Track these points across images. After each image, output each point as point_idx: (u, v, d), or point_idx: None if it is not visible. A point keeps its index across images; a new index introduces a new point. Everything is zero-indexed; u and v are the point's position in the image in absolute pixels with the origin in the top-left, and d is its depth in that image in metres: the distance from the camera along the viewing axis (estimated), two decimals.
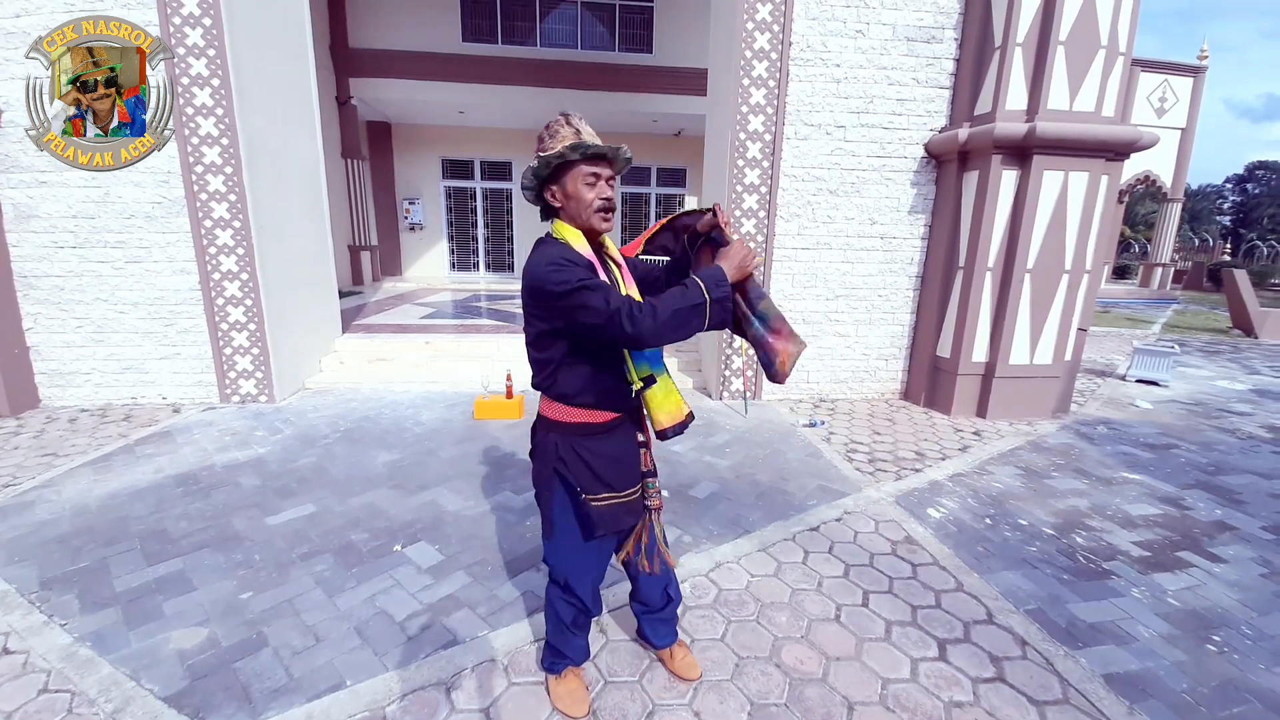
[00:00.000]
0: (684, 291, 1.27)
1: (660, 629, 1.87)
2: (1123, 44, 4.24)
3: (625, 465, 1.53)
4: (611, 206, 1.42)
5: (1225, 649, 2.12)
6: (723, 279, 1.30)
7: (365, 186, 10.99)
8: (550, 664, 1.79)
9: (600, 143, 1.37)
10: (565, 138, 1.35)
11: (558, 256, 1.33)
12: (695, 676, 1.86)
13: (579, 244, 1.39)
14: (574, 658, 1.77)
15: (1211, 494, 3.43)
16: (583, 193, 1.39)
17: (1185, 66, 13.98)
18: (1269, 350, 8.64)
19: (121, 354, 4.52)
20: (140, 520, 2.83)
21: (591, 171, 1.38)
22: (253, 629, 2.06)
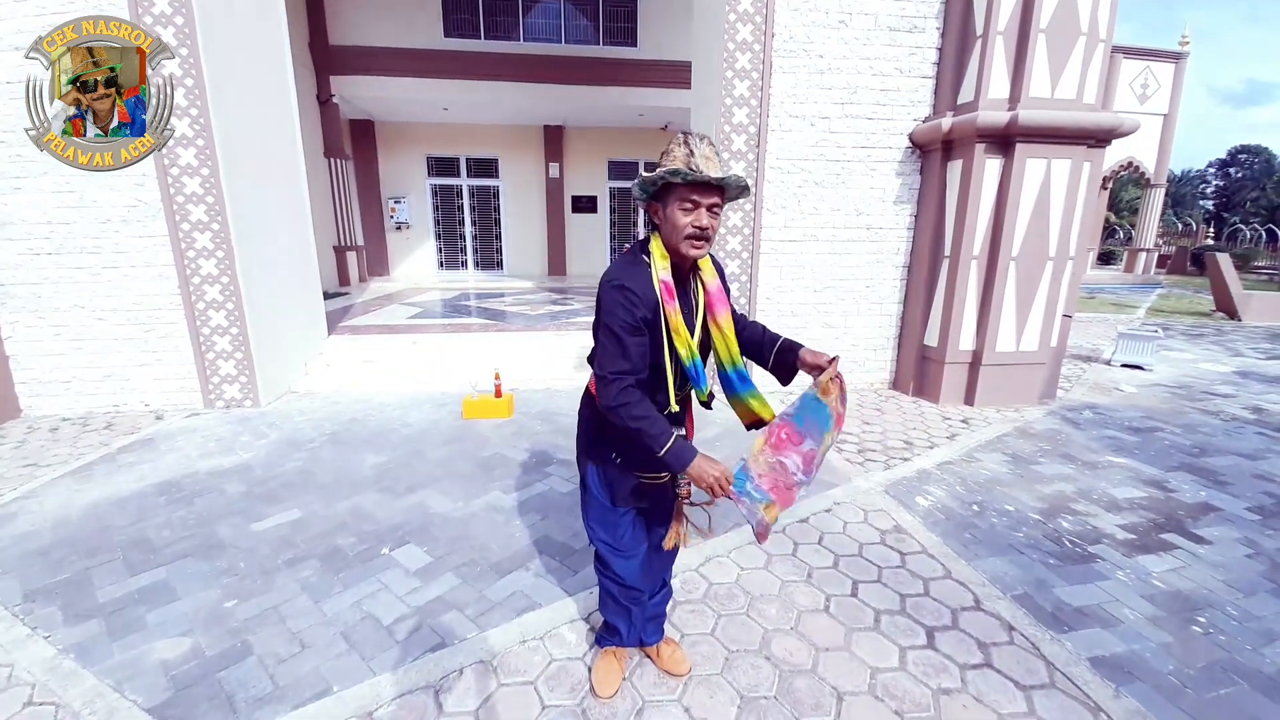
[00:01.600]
0: (658, 428, 1.36)
1: (648, 626, 1.87)
2: (1103, 31, 4.25)
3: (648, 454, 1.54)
4: (706, 236, 1.38)
5: (1211, 630, 2.14)
6: (684, 464, 1.36)
7: (349, 186, 10.87)
8: (599, 637, 1.91)
9: (706, 171, 1.31)
10: (676, 159, 1.33)
11: (626, 285, 1.38)
12: (684, 671, 1.86)
13: (662, 267, 1.40)
14: (622, 636, 1.81)
15: (1196, 476, 3.47)
16: (678, 217, 1.37)
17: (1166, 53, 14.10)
18: (1252, 332, 8.76)
19: (102, 361, 4.44)
20: (122, 530, 2.79)
21: (691, 197, 1.35)
22: (237, 638, 2.04)
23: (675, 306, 1.40)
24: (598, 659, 1.87)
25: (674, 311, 1.39)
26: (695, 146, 1.33)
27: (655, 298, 1.39)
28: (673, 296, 1.40)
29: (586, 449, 1.64)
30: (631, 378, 1.39)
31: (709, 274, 1.50)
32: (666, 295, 1.39)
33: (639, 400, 1.37)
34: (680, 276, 1.48)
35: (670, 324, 1.40)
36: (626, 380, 1.38)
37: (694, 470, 1.36)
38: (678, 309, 1.40)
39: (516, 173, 12.59)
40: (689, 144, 1.33)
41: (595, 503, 1.68)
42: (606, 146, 12.65)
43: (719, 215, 1.40)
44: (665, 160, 1.36)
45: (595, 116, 11.50)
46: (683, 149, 1.33)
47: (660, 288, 1.39)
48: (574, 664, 1.91)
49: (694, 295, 1.50)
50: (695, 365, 1.45)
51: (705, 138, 1.36)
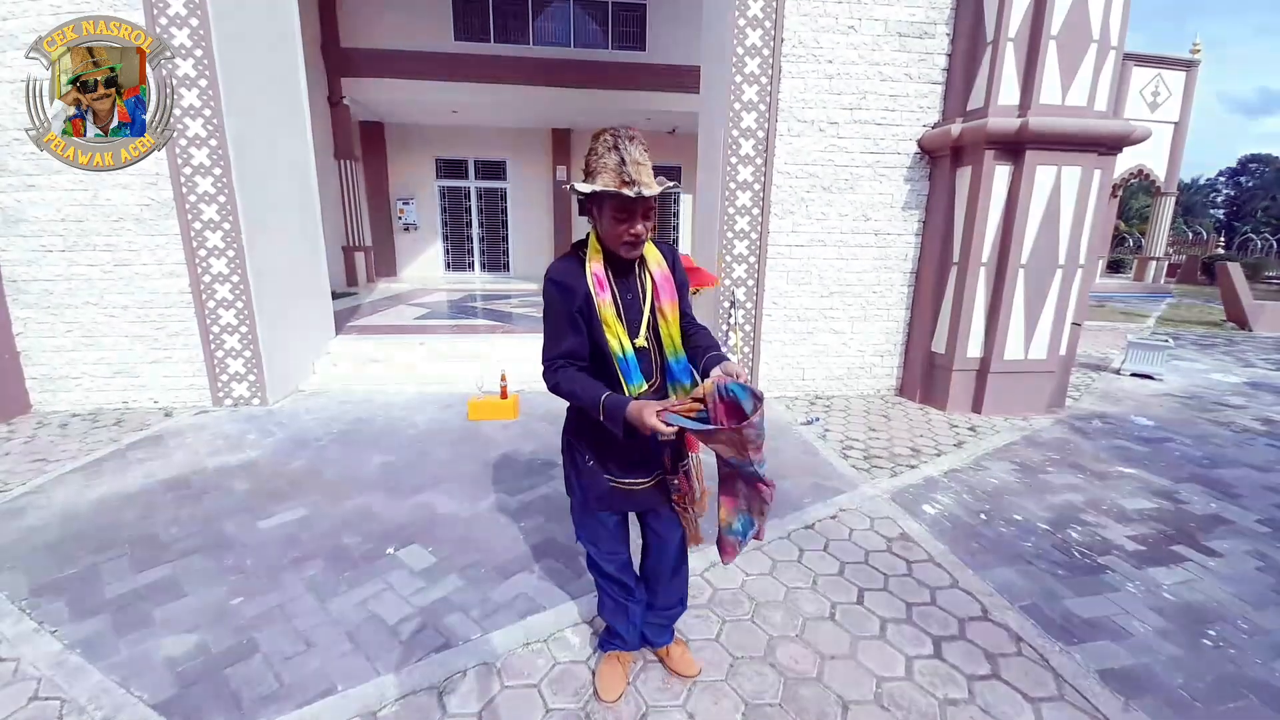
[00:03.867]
0: (590, 394, 1.38)
1: (660, 630, 1.88)
2: (1114, 38, 4.24)
3: (629, 456, 1.56)
4: (639, 240, 1.39)
5: (1221, 644, 2.11)
6: (617, 416, 1.33)
7: (359, 187, 10.94)
8: (601, 641, 1.91)
9: (639, 179, 1.29)
10: (608, 168, 1.30)
11: (557, 278, 1.43)
12: (694, 673, 1.86)
13: (596, 260, 1.43)
14: (623, 639, 1.82)
15: (1206, 487, 3.43)
16: (612, 225, 1.37)
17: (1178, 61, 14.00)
18: (1263, 343, 8.67)
19: (112, 358, 4.48)
20: (130, 526, 2.81)
21: (624, 208, 1.34)
22: (243, 635, 2.05)
23: (606, 298, 1.42)
24: (601, 663, 1.87)
25: (604, 303, 1.41)
26: (627, 152, 1.29)
27: (587, 289, 1.41)
28: (603, 288, 1.42)
29: (566, 447, 1.67)
30: (564, 361, 1.45)
31: (655, 264, 1.51)
32: (597, 287, 1.41)
33: (571, 375, 1.43)
34: (622, 267, 1.47)
35: (600, 315, 1.41)
36: (558, 364, 1.45)
37: (631, 419, 1.30)
38: (609, 301, 1.42)
39: (524, 175, 12.64)
40: (620, 149, 1.29)
41: (575, 502, 1.69)
42: None
43: (652, 216, 1.39)
44: (595, 162, 1.33)
45: (603, 120, 11.52)
46: (614, 156, 1.29)
47: (592, 280, 1.41)
48: (578, 667, 1.91)
49: (639, 285, 1.49)
50: (626, 357, 1.44)
51: (635, 137, 1.32)
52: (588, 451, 1.57)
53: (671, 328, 1.51)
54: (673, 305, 1.51)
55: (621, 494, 1.60)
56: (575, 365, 1.46)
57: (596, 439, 1.55)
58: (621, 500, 1.61)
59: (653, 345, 1.52)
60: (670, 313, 1.50)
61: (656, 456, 1.59)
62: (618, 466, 1.57)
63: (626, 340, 1.45)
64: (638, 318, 1.48)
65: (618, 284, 1.46)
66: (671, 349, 1.52)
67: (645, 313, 1.49)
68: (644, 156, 1.32)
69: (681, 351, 1.53)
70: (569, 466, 1.66)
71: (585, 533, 1.71)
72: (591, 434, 1.55)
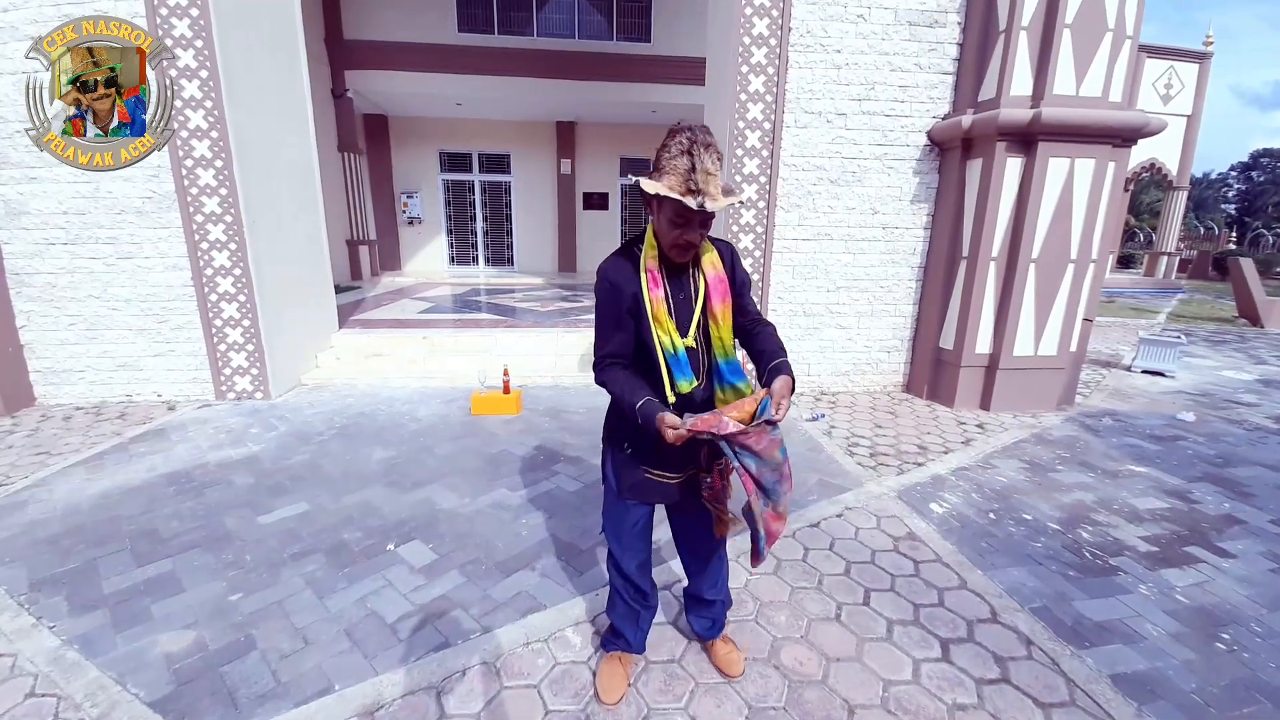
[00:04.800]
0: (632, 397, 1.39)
1: (706, 624, 1.91)
2: (1130, 27, 4.14)
3: (663, 451, 1.53)
4: (691, 248, 1.39)
5: (1235, 647, 2.07)
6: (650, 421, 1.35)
7: (362, 180, 10.91)
8: (604, 640, 1.88)
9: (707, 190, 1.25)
10: (676, 171, 1.26)
11: (609, 275, 1.44)
12: (736, 673, 1.84)
13: (651, 256, 1.43)
14: (627, 642, 1.81)
15: (1219, 487, 3.37)
16: (668, 227, 1.36)
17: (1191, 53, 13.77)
18: (1275, 339, 8.55)
19: (115, 351, 4.47)
20: (131, 520, 2.80)
21: (682, 215, 1.31)
22: (241, 632, 2.03)
23: (659, 295, 1.41)
24: (603, 663, 1.84)
25: (656, 299, 1.41)
26: (699, 159, 1.24)
27: (639, 287, 1.41)
28: (657, 284, 1.41)
29: (607, 436, 1.67)
30: (610, 360, 1.48)
31: (710, 265, 1.48)
32: (651, 284, 1.41)
33: (617, 376, 1.45)
34: (677, 265, 1.46)
35: (652, 311, 1.40)
36: (605, 362, 1.48)
37: (658, 424, 1.32)
38: (662, 297, 1.41)
39: (528, 169, 12.57)
40: (693, 155, 1.25)
41: (608, 490, 1.69)
42: (619, 143, 12.59)
43: (710, 225, 1.38)
44: (665, 161, 1.29)
45: (608, 112, 11.45)
46: (685, 160, 1.25)
47: (645, 276, 1.41)
48: (578, 668, 1.88)
49: (692, 284, 1.48)
50: (677, 354, 1.43)
51: (711, 145, 1.27)
52: (627, 440, 1.58)
53: (723, 330, 1.48)
54: (725, 307, 1.47)
55: (655, 485, 1.59)
56: (621, 363, 1.48)
57: (638, 429, 1.52)
58: (654, 492, 1.61)
59: (701, 346, 1.50)
60: (722, 315, 1.47)
61: (693, 453, 1.56)
62: (654, 458, 1.56)
63: (678, 337, 1.43)
64: (688, 317, 1.47)
65: (670, 282, 1.45)
66: (722, 351, 1.50)
67: (696, 313, 1.47)
68: (716, 166, 1.28)
69: (733, 354, 1.51)
70: (606, 454, 1.67)
71: (610, 524, 1.70)
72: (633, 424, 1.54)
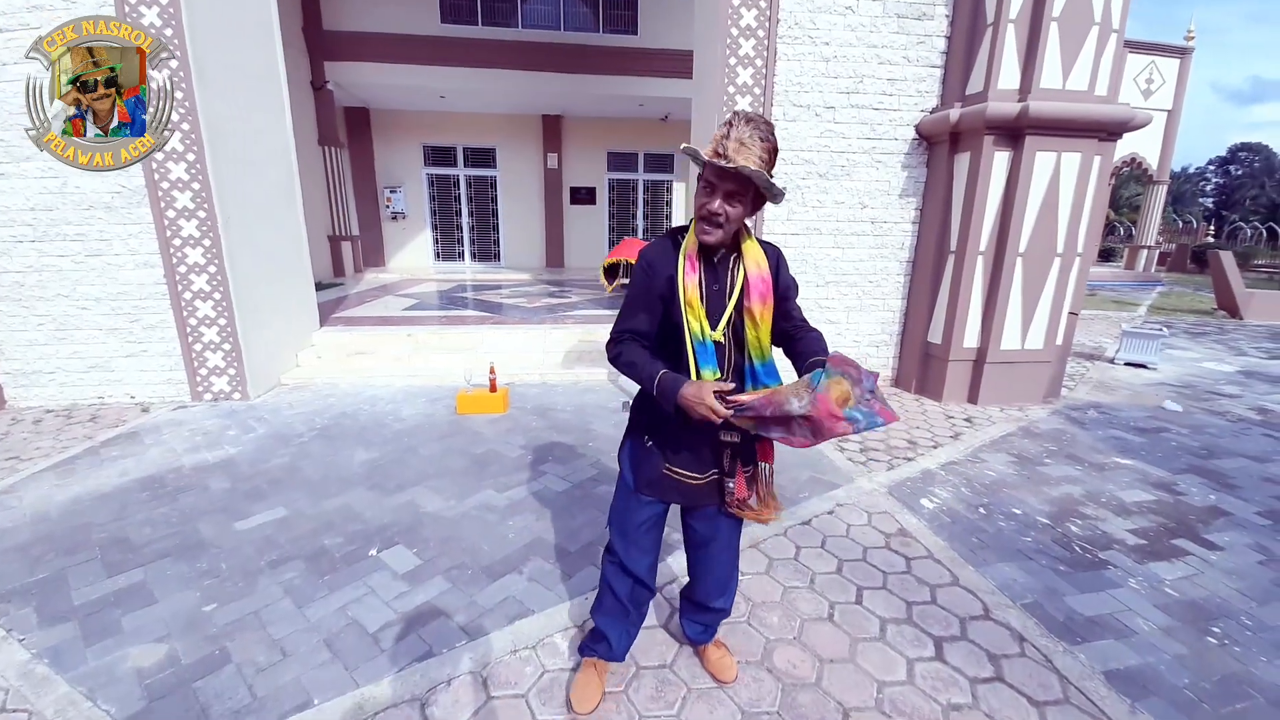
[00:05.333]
0: (647, 370, 1.40)
1: (698, 629, 1.86)
2: (1115, 21, 4.14)
3: (686, 448, 1.51)
4: (713, 220, 1.34)
5: (1225, 641, 2.07)
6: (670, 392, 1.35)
7: (344, 175, 10.70)
8: (582, 645, 1.78)
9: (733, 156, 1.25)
10: (714, 139, 1.30)
11: (648, 256, 1.45)
12: (730, 679, 1.80)
13: (691, 243, 1.42)
14: (609, 645, 1.71)
15: (1204, 478, 3.40)
16: (695, 197, 1.37)
17: (1172, 48, 13.93)
18: (1254, 331, 8.70)
19: (86, 352, 4.33)
20: (102, 527, 2.70)
21: (709, 179, 1.32)
22: (215, 645, 1.95)
23: (693, 280, 1.40)
24: (580, 670, 1.78)
25: (690, 284, 1.39)
26: (735, 129, 1.27)
27: (674, 271, 1.41)
28: (694, 270, 1.40)
29: (630, 429, 1.64)
30: (630, 335, 1.47)
31: (753, 262, 1.43)
32: (688, 267, 1.40)
33: (633, 348, 1.45)
34: (717, 258, 1.44)
35: (684, 295, 1.39)
36: (623, 337, 1.47)
37: (682, 401, 1.32)
38: (696, 283, 1.40)
39: (514, 163, 12.42)
40: (732, 125, 1.28)
41: (622, 482, 1.65)
42: (606, 137, 12.47)
43: (741, 204, 1.33)
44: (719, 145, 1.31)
45: (594, 106, 11.34)
46: (723, 129, 1.29)
47: (684, 261, 1.41)
48: (567, 675, 1.83)
49: (730, 277, 1.44)
50: (705, 343, 1.40)
51: (754, 121, 1.28)
52: (649, 432, 1.55)
53: (760, 330, 1.43)
54: (764, 308, 1.42)
55: (673, 483, 1.54)
56: (639, 341, 1.47)
57: (665, 419, 1.50)
58: (671, 490, 1.55)
59: (730, 342, 1.46)
60: (760, 315, 1.42)
61: (717, 453, 1.51)
62: (676, 453, 1.52)
63: (707, 326, 1.40)
64: (719, 311, 1.43)
65: (708, 273, 1.43)
66: (758, 353, 1.45)
67: (729, 308, 1.43)
68: (754, 140, 1.26)
69: (769, 356, 1.47)
70: (625, 443, 1.65)
71: (618, 519, 1.65)
72: (661, 415, 1.50)
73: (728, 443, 1.47)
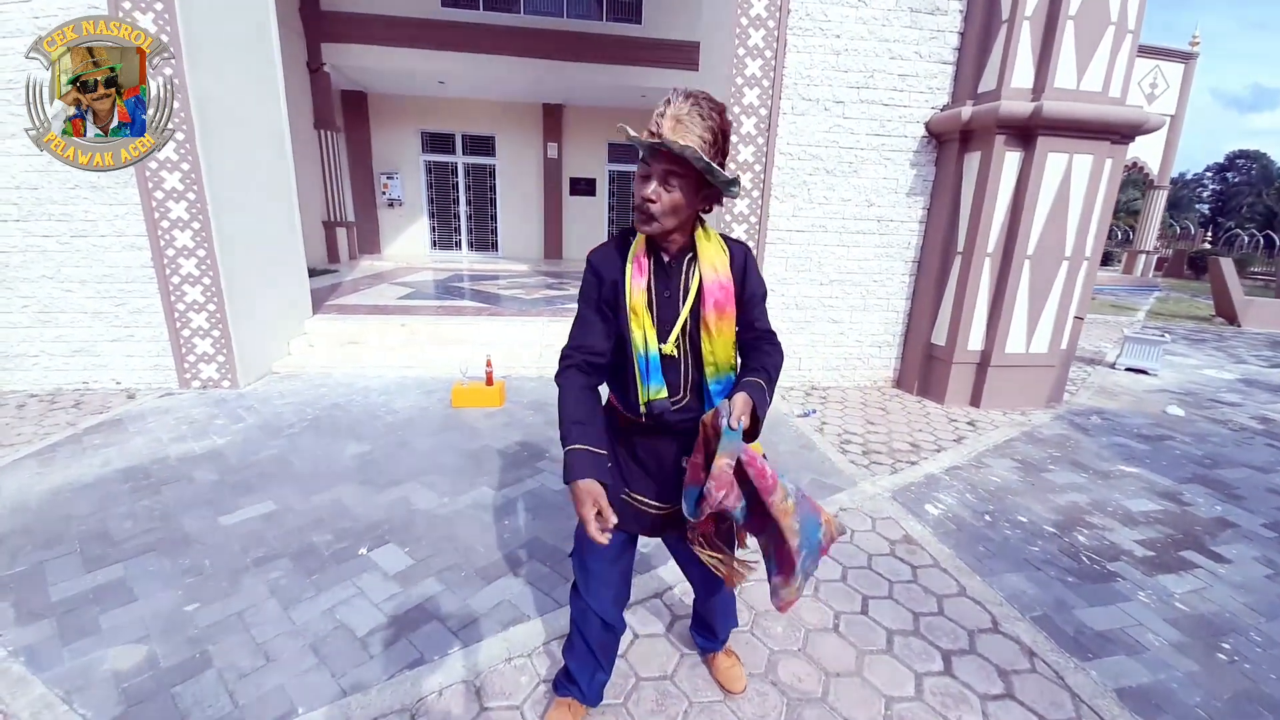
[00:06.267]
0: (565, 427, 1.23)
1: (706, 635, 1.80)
2: (1131, 22, 4.06)
3: (648, 473, 1.40)
4: (644, 209, 1.17)
5: (1236, 658, 2.02)
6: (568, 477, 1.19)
7: (340, 159, 10.52)
8: (556, 681, 1.63)
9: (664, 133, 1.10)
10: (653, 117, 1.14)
11: (593, 260, 1.29)
12: (738, 690, 1.73)
13: (638, 244, 1.26)
14: (581, 692, 1.55)
15: (1209, 488, 3.36)
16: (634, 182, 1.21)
17: (1177, 53, 13.88)
18: (1252, 339, 8.70)
19: (71, 335, 4.21)
20: (83, 520, 2.60)
21: (644, 160, 1.17)
22: (196, 647, 1.86)
23: (640, 285, 1.24)
24: (552, 708, 1.60)
25: (637, 289, 1.23)
26: (672, 105, 1.11)
27: (621, 275, 1.25)
28: (641, 274, 1.24)
29: None
30: (578, 355, 1.28)
31: (709, 265, 1.25)
32: (636, 271, 1.24)
33: (571, 386, 1.26)
34: (669, 259, 1.27)
35: (629, 303, 1.23)
36: (573, 359, 1.28)
37: (572, 490, 1.17)
38: (643, 287, 1.24)
39: (514, 152, 12.25)
40: (669, 100, 1.12)
41: None
42: (607, 128, 12.32)
43: (681, 191, 1.15)
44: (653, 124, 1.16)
45: (596, 96, 11.17)
46: (661, 105, 1.12)
47: (632, 264, 1.24)
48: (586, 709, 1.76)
49: (683, 283, 1.26)
50: (648, 355, 1.24)
51: (696, 96, 1.12)
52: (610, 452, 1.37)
53: (715, 344, 1.26)
54: (721, 319, 1.25)
55: (633, 511, 1.41)
56: (591, 360, 1.28)
57: (624, 440, 1.39)
58: (630, 518, 1.41)
59: (687, 356, 1.29)
60: (717, 326, 1.25)
61: (677, 480, 1.35)
62: (636, 478, 1.40)
63: (653, 337, 1.24)
64: (671, 320, 1.26)
65: (658, 277, 1.26)
66: (713, 368, 1.28)
67: (682, 316, 1.26)
68: (693, 117, 1.10)
69: (724, 371, 1.30)
70: None
71: (578, 550, 1.50)
72: (619, 434, 1.39)
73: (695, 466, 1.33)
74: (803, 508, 1.22)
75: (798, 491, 1.22)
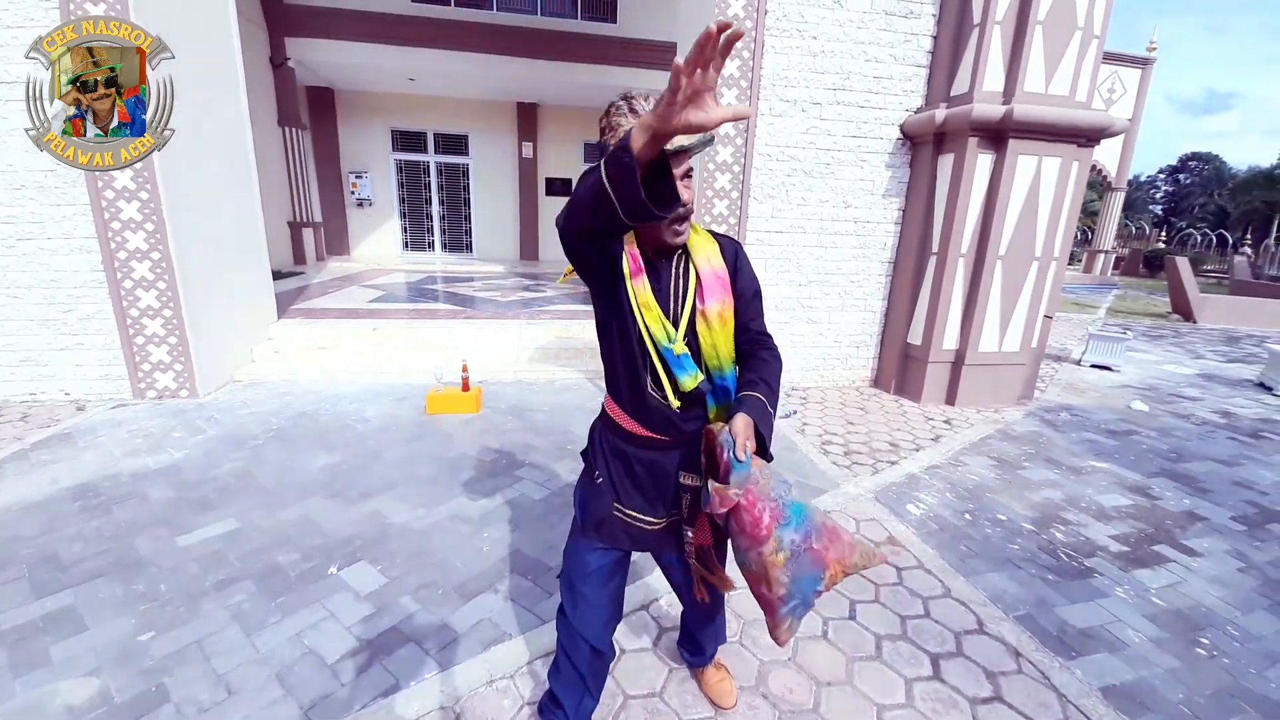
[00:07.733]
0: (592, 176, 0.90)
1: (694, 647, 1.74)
2: (1097, 27, 4.16)
3: (639, 487, 1.33)
4: (685, 215, 1.17)
5: (1215, 652, 2.06)
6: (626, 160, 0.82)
7: (306, 158, 10.19)
8: (541, 705, 1.54)
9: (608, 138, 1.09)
10: (623, 129, 1.07)
11: None
12: (729, 705, 1.69)
13: (632, 243, 1.23)
14: (566, 713, 1.46)
15: (1176, 482, 3.45)
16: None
17: (1134, 58, 14.40)
18: (1208, 335, 9.05)
19: (16, 344, 3.95)
20: (30, 542, 2.43)
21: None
22: (151, 680, 1.74)
23: (643, 282, 1.20)
24: None
25: (641, 286, 1.20)
26: (636, 109, 1.07)
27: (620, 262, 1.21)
28: (639, 270, 1.21)
29: (585, 456, 1.46)
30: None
31: (704, 257, 1.23)
32: (633, 268, 1.21)
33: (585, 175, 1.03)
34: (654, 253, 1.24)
35: (638, 299, 1.20)
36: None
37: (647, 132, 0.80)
38: (646, 285, 1.21)
39: (488, 151, 12.06)
40: (634, 107, 1.07)
41: (574, 522, 1.43)
42: (582, 128, 12.21)
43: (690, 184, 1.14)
44: (608, 134, 1.10)
45: (571, 95, 11.06)
46: (627, 119, 1.08)
47: (627, 261, 1.21)
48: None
49: (677, 278, 1.24)
50: (672, 347, 1.20)
51: (642, 93, 1.09)
52: (600, 466, 1.35)
53: (716, 336, 1.23)
54: (720, 314, 1.23)
55: (623, 527, 1.34)
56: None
57: (615, 454, 1.33)
58: (622, 534, 1.35)
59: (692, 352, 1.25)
60: (717, 319, 1.22)
61: (676, 495, 1.32)
62: (628, 492, 1.33)
63: (670, 329, 1.20)
64: (673, 317, 1.23)
65: (651, 274, 1.23)
66: (715, 362, 1.24)
67: (685, 312, 1.23)
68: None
69: (728, 366, 1.26)
70: (581, 477, 1.44)
71: (566, 568, 1.41)
72: (611, 446, 1.33)
73: (689, 486, 1.29)
74: (799, 564, 1.10)
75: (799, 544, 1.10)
